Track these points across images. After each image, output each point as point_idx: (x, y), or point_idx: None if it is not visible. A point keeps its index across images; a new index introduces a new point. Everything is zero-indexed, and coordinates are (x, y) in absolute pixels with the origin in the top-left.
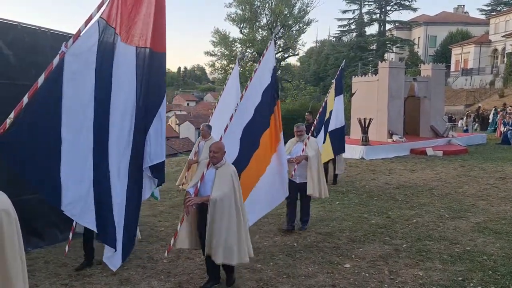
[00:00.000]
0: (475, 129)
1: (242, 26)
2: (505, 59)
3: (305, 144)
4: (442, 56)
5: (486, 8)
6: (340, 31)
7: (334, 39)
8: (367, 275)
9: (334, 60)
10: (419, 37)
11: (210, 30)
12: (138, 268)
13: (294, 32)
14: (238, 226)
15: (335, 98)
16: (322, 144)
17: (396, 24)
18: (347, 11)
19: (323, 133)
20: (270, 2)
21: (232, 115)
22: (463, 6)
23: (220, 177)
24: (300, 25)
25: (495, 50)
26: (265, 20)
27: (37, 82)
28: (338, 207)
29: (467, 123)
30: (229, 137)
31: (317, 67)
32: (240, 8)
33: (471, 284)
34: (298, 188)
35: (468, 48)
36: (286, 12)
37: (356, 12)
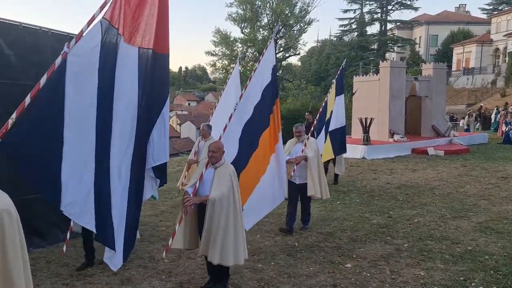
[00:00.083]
0: (476, 128)
1: (243, 26)
2: (506, 58)
3: (304, 145)
4: (444, 56)
5: (488, 7)
6: (341, 30)
7: (335, 39)
8: (369, 275)
9: (335, 59)
10: (420, 36)
11: (211, 30)
12: (139, 268)
13: (295, 31)
14: (235, 227)
15: (336, 98)
16: (323, 144)
17: (397, 23)
18: (348, 10)
19: (323, 133)
20: (271, 1)
21: (232, 115)
22: (465, 5)
23: (219, 177)
24: (301, 24)
25: (497, 49)
26: (266, 20)
27: (39, 83)
28: (339, 206)
29: (469, 122)
30: (228, 136)
31: (318, 66)
32: (241, 8)
33: (473, 284)
34: (298, 189)
35: (470, 47)
36: (287, 12)
37: (357, 12)
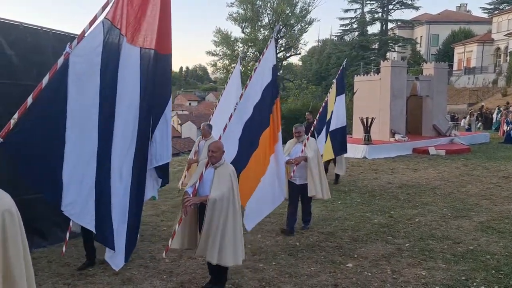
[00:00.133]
0: (478, 128)
1: (244, 25)
2: (508, 57)
3: (304, 145)
4: (445, 55)
5: (489, 6)
6: (342, 30)
7: (336, 38)
8: (370, 274)
9: (336, 59)
10: (421, 36)
11: (212, 30)
12: (141, 267)
13: (296, 31)
14: (234, 227)
15: (337, 97)
16: (323, 144)
17: (398, 23)
18: (349, 10)
19: (324, 133)
20: (271, 1)
21: (232, 114)
22: (466, 4)
23: (219, 177)
24: (302, 24)
25: (498, 49)
26: (267, 20)
27: (41, 83)
28: (341, 206)
29: (470, 122)
30: (228, 136)
31: (319, 66)
32: (241, 7)
33: (474, 283)
34: (299, 189)
35: (471, 47)
36: (288, 11)
37: (358, 11)
